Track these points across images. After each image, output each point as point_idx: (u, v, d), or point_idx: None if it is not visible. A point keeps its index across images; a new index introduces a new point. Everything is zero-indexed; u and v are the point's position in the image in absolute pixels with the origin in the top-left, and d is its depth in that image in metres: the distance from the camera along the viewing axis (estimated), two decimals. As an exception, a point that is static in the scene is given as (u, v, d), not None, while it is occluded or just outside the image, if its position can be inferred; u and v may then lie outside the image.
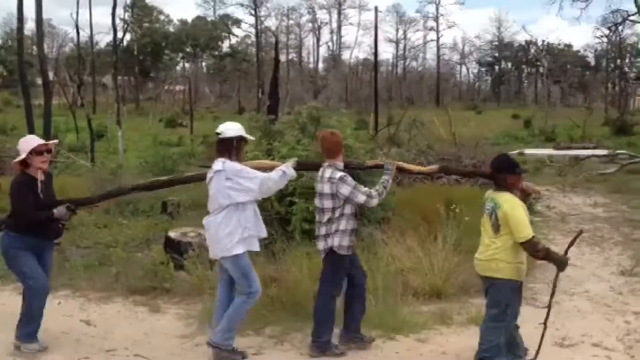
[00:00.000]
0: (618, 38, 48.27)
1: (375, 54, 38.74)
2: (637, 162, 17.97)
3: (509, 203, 4.52)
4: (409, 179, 14.05)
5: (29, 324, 5.07)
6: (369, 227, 8.30)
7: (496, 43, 73.79)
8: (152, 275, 6.83)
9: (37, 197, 4.96)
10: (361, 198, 4.87)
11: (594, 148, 24.93)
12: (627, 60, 62.07)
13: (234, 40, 68.13)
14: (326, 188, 4.90)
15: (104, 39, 63.31)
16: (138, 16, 63.12)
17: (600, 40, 50.25)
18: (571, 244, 4.72)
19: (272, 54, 32.08)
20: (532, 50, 68.90)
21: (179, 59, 72.16)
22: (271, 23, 65.37)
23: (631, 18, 32.52)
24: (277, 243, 6.96)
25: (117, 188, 7.55)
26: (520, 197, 4.72)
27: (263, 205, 7.89)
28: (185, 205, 10.78)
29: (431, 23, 72.62)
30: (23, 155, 4.95)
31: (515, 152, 25.05)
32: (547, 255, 4.56)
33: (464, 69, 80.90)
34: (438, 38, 72.60)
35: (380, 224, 9.05)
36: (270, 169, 5.08)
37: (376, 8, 40.19)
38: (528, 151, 26.01)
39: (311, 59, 75.79)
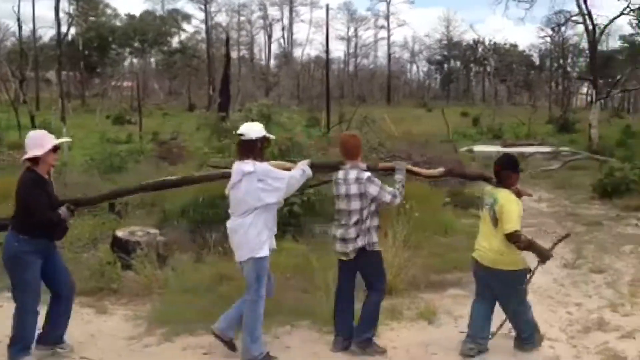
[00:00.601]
0: (561, 38, 49.80)
1: (327, 51, 38.80)
2: (579, 159, 18.60)
3: (506, 198, 4.92)
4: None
5: (22, 340, 4.70)
6: (322, 224, 8.31)
7: (445, 42, 75.14)
8: (98, 275, 6.65)
9: (50, 196, 4.71)
10: (387, 197, 4.98)
11: (539, 145, 25.67)
12: (569, 60, 64.04)
13: (183, 36, 67.19)
14: (354, 189, 4.94)
15: (47, 33, 61.59)
16: (83, 9, 61.37)
17: (544, 41, 51.81)
18: (558, 242, 5.43)
19: (223, 50, 31.74)
20: (480, 50, 70.44)
21: (126, 55, 70.62)
22: (222, 19, 64.84)
23: (573, 19, 33.65)
24: (226, 241, 6.87)
25: (124, 188, 7.24)
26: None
27: (213, 202, 7.85)
28: (133, 204, 10.55)
29: (382, 21, 73.42)
30: (41, 152, 4.58)
31: (464, 149, 25.60)
32: (530, 246, 4.96)
33: (414, 67, 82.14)
34: (389, 36, 73.44)
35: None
36: (282, 170, 5.05)
37: (327, 6, 40.24)
38: (477, 148, 26.57)
39: (263, 56, 75.52)
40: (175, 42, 67.83)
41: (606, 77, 47.86)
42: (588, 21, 30.68)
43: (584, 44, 44.07)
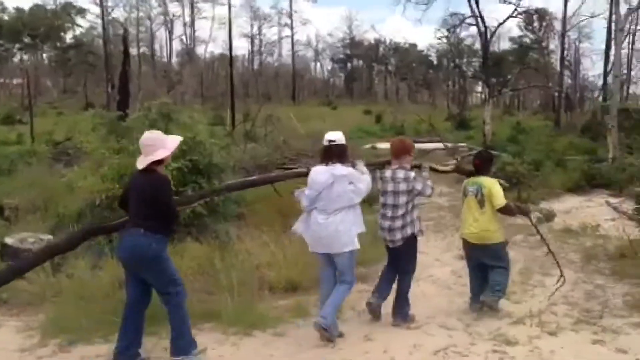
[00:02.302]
0: (456, 39, 51.99)
1: (230, 49, 38.47)
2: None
3: (490, 182, 6.08)
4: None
5: (183, 336, 4.72)
6: (224, 224, 8.22)
7: (348, 41, 76.35)
8: (-15, 286, 6.21)
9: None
10: (428, 190, 5.79)
11: (439, 142, 26.62)
12: (464, 60, 67.04)
13: (78, 31, 63.98)
14: (402, 186, 5.64)
15: None
16: (-34, 2, 57.11)
17: (440, 41, 53.76)
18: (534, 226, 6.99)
19: (121, 46, 30.59)
20: (381, 49, 72.23)
21: (15, 50, 66.36)
22: (119, 14, 62.26)
23: (467, 21, 35.25)
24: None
25: (210, 189, 7.69)
26: None
27: (111, 205, 7.54)
28: (24, 209, 9.95)
29: (285, 19, 73.42)
30: (168, 153, 4.68)
31: (368, 146, 26.15)
32: (519, 210, 6.52)
33: (318, 65, 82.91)
34: (292, 35, 73.60)
35: (237, 220, 9.03)
36: None
37: (229, 3, 39.97)
38: (380, 145, 27.22)
39: (164, 53, 73.42)
40: (69, 37, 64.53)
41: (498, 76, 50.52)
42: (480, 23, 32.31)
43: (477, 45, 46.24)
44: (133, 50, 60.23)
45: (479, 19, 32.11)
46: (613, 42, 29.35)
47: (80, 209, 8.20)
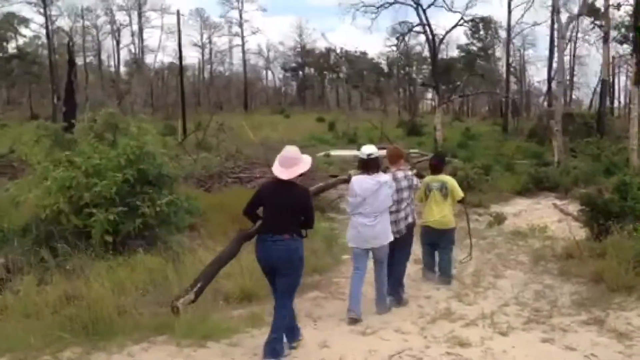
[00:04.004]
0: (405, 47, 52.76)
1: (180, 58, 37.99)
2: (427, 160, 19.76)
3: (451, 179, 7.76)
4: (218, 184, 14.01)
5: (280, 338, 5.10)
6: (177, 235, 8.06)
7: (299, 49, 76.53)
8: None
9: None
10: (420, 183, 7.28)
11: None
12: (414, 68, 68.10)
13: (21, 40, 62.00)
14: (404, 183, 6.62)
15: None
16: None
17: (390, 49, 54.49)
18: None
19: (66, 56, 29.81)
20: (332, 57, 72.63)
21: (-45, 61, 63.84)
22: (64, 23, 60.55)
23: (415, 29, 35.84)
24: (72, 259, 6.43)
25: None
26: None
27: (57, 218, 7.31)
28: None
29: (236, 28, 72.99)
30: (309, 166, 5.22)
31: (321, 153, 26.21)
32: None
33: (270, 74, 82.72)
34: (243, 43, 73.16)
35: (190, 230, 8.87)
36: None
37: (178, 12, 39.55)
38: (334, 152, 27.34)
39: (112, 63, 71.91)
40: (11, 47, 62.46)
41: (447, 83, 51.51)
42: (428, 32, 32.91)
43: (426, 53, 47.04)
44: (79, 60, 58.91)
45: (427, 27, 32.75)
46: (556, 49, 30.37)
47: (26, 224, 7.90)
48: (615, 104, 52.11)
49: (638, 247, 7.23)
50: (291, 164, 5.07)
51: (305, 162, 5.16)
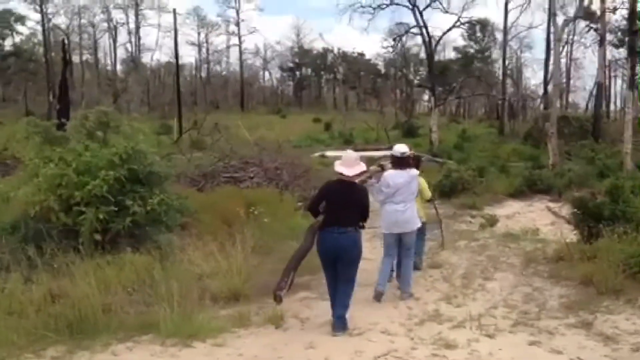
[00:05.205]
0: (402, 48, 52.80)
1: (176, 56, 38.04)
2: (422, 161, 19.76)
3: (422, 181, 8.00)
4: (211, 184, 13.96)
5: (345, 315, 5.84)
6: (167, 234, 8.02)
7: (296, 49, 76.42)
8: None
9: None
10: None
11: (387, 149, 26.88)
12: (411, 69, 68.07)
13: (17, 38, 61.78)
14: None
15: None
16: None
17: (387, 50, 54.47)
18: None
19: (62, 54, 29.70)
20: (330, 58, 72.54)
21: (-49, 58, 63.55)
22: (61, 21, 60.36)
23: (412, 30, 35.86)
24: (59, 257, 6.39)
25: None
26: None
27: (46, 216, 7.27)
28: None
29: (233, 27, 72.80)
30: (365, 167, 6.26)
31: (317, 154, 26.21)
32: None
33: (267, 74, 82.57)
34: (240, 43, 72.93)
35: (180, 230, 8.84)
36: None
37: (174, 10, 39.50)
38: (329, 153, 27.34)
39: (108, 61, 71.65)
40: (8, 44, 62.23)
41: (443, 85, 51.46)
42: (425, 33, 32.93)
43: (423, 54, 47.09)
44: (76, 58, 58.77)
45: (423, 29, 32.77)
46: (552, 52, 30.38)
47: (15, 221, 7.86)
48: (612, 107, 52.29)
49: (627, 251, 7.23)
50: (352, 164, 5.99)
51: (361, 165, 6.12)
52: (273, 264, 7.89)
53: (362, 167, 6.14)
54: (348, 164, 6.01)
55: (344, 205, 5.87)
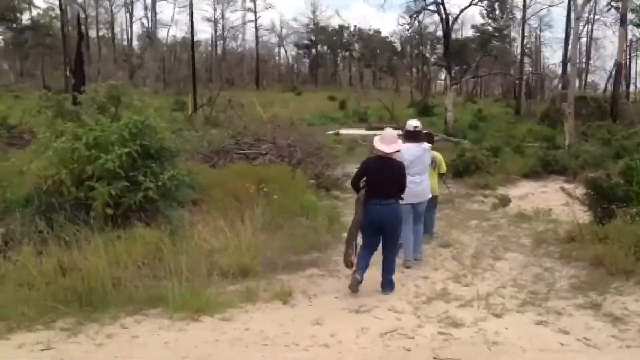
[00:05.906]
0: (419, 26, 52.19)
1: (192, 33, 37.95)
2: (437, 141, 19.63)
3: (439, 154, 8.87)
4: (224, 160, 13.98)
5: (393, 272, 6.51)
6: (178, 209, 8.06)
7: (312, 26, 75.80)
8: None
9: None
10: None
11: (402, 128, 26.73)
12: (428, 47, 67.33)
13: (35, 12, 61.90)
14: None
15: None
16: None
17: (404, 28, 53.84)
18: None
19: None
20: (345, 35, 71.92)
21: (-32, 32, 63.88)
22: (78, -5, 60.44)
23: (430, 7, 35.38)
24: (70, 230, 6.45)
25: None
26: None
27: (58, 189, 7.33)
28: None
29: (249, 3, 72.26)
30: (401, 145, 6.62)
31: (331, 132, 26.14)
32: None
33: (282, 51, 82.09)
34: (256, 19, 72.51)
35: (192, 205, 8.87)
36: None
37: (191, -15, 39.21)
38: (343, 131, 27.26)
39: (125, 36, 71.63)
40: (25, 18, 62.40)
41: (460, 64, 50.91)
42: (442, 10, 32.47)
43: (440, 32, 46.48)
44: (92, 33, 58.80)
45: (441, 6, 32.30)
46: (572, 31, 29.82)
47: (28, 194, 7.94)
48: (632, 88, 51.38)
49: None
50: (390, 141, 6.43)
51: (399, 142, 6.57)
52: (282, 240, 7.94)
53: (400, 144, 6.56)
54: (387, 141, 6.45)
55: (384, 180, 6.36)
